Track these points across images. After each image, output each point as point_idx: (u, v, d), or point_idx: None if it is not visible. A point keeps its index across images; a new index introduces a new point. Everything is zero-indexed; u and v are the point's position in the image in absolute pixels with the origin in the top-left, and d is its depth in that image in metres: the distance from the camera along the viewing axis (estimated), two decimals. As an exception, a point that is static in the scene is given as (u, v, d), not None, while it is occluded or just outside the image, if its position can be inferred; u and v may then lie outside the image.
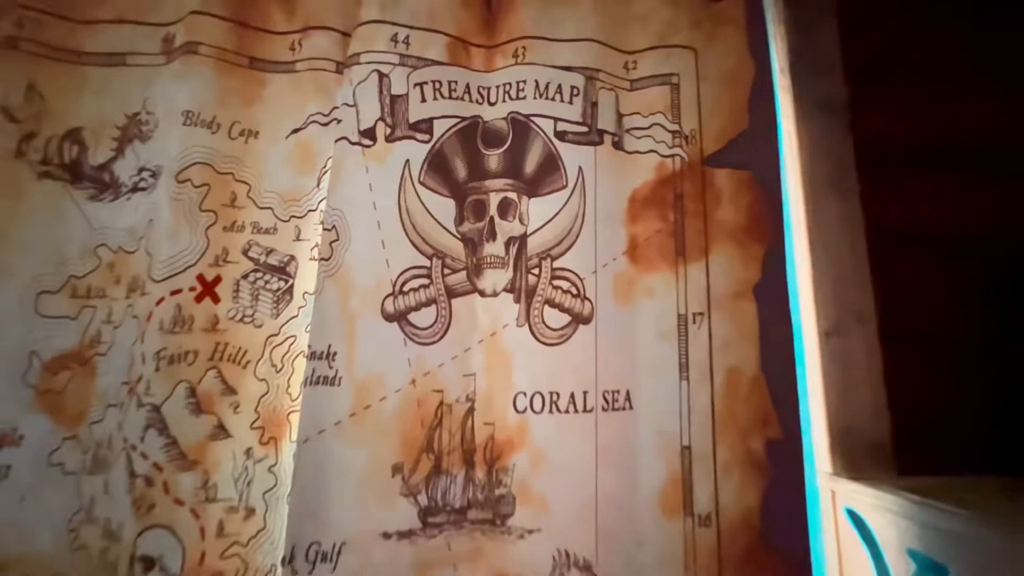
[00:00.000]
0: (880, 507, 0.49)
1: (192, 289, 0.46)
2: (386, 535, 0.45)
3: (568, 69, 0.54)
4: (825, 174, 0.60)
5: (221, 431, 0.45)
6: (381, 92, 0.51)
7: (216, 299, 0.47)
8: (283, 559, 0.42)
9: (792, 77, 0.63)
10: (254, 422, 0.46)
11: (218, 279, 0.47)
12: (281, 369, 0.48)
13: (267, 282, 0.48)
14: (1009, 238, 0.60)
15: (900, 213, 0.61)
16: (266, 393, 0.47)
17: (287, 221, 0.50)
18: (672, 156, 0.54)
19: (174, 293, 0.46)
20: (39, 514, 0.44)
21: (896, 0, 0.64)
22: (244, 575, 0.44)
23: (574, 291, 0.51)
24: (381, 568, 0.44)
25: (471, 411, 0.49)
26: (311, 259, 0.49)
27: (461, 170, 0.53)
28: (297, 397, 0.47)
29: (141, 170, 0.49)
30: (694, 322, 0.51)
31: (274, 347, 0.48)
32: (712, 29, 0.57)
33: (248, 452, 0.45)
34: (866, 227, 0.60)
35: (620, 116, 0.55)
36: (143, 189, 0.48)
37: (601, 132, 0.54)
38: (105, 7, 0.51)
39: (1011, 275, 0.59)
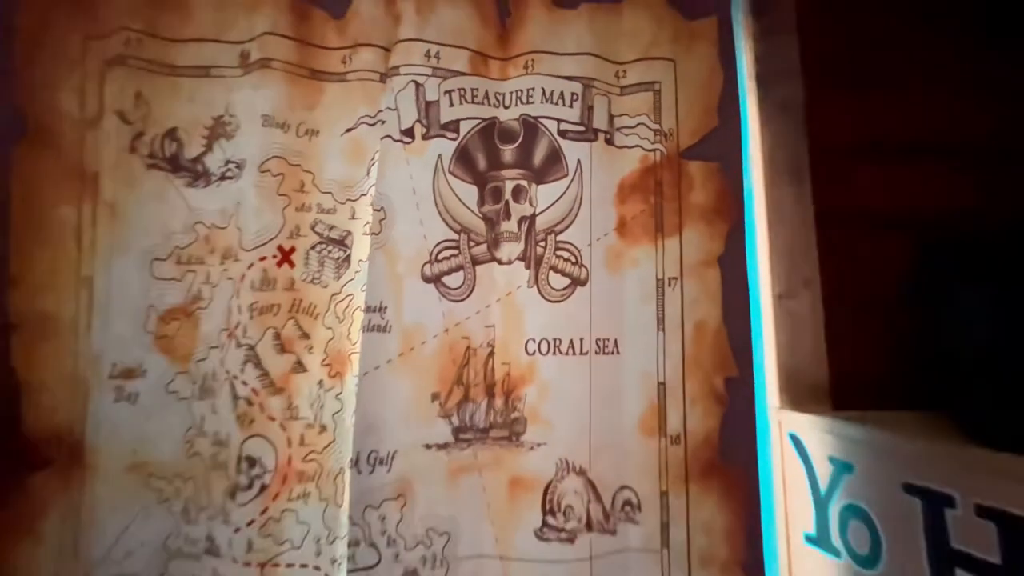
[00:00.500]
0: (814, 430, 0.62)
1: (274, 257, 0.59)
2: (427, 446, 0.58)
3: (569, 79, 0.66)
4: (783, 164, 0.72)
5: (300, 366, 0.58)
6: (417, 98, 0.63)
7: (292, 264, 0.59)
8: (351, 461, 0.56)
9: (757, 82, 0.74)
10: (324, 360, 0.59)
11: (293, 249, 0.60)
12: (343, 320, 0.60)
13: (330, 252, 0.61)
14: (933, 219, 0.72)
15: (844, 197, 0.73)
16: (332, 338, 0.60)
17: (344, 203, 0.62)
18: (654, 150, 0.66)
19: (261, 259, 0.58)
20: (161, 430, 0.57)
21: (847, 16, 0.76)
22: (320, 475, 0.57)
23: (573, 259, 0.64)
24: (424, 471, 0.58)
25: (491, 354, 0.61)
26: (364, 234, 0.62)
27: (482, 162, 0.65)
28: (356, 341, 0.59)
29: (227, 162, 0.61)
30: (669, 285, 0.64)
31: (337, 303, 0.60)
32: (688, 43, 0.68)
33: (320, 383, 0.58)
34: (815, 209, 0.72)
35: (612, 117, 0.67)
36: (230, 178, 0.61)
37: (596, 131, 0.66)
38: (190, 28, 0.63)
39: (933, 249, 0.71)
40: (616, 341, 0.63)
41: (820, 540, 0.59)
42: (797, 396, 0.67)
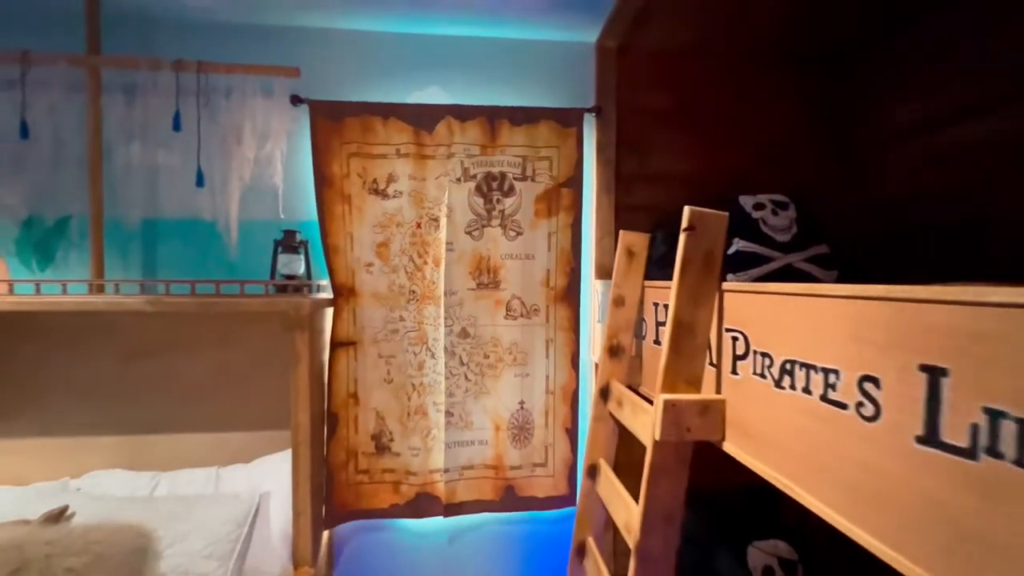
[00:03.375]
0: (601, 285, 1.77)
1: (415, 225, 1.70)
2: (468, 289, 1.73)
3: (517, 156, 1.72)
4: (603, 185, 1.81)
5: (425, 263, 1.72)
6: (461, 165, 1.71)
7: (421, 228, 1.71)
8: (443, 292, 1.71)
9: (597, 151, 1.81)
10: (433, 261, 1.72)
11: (420, 223, 1.71)
12: (438, 247, 1.73)
13: (433, 223, 1.72)
14: (662, 208, 1.81)
15: (628, 199, 1.81)
16: (435, 253, 1.73)
17: (437, 207, 1.72)
18: (549, 184, 1.74)
19: (411, 226, 1.70)
20: (383, 283, 1.71)
21: (633, 125, 1.79)
22: (434, 296, 1.72)
23: (518, 226, 1.75)
24: (467, 297, 1.73)
25: (489, 258, 1.75)
26: (445, 217, 1.72)
27: (485, 189, 1.73)
28: (443, 254, 1.72)
29: (396, 191, 1.70)
30: (553, 235, 1.76)
31: (437, 241, 1.72)
32: (564, 139, 1.74)
33: (433, 269, 1.72)
34: (615, 204, 1.81)
35: (534, 171, 1.74)
36: (396, 197, 1.70)
37: (527, 176, 1.74)
38: (379, 138, 1.68)
39: (663, 225, 1.81)
40: (534, 255, 1.76)
41: (599, 319, 1.77)
42: (601, 274, 1.82)
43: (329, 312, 1.70)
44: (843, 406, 0.62)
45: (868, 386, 0.58)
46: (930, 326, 0.51)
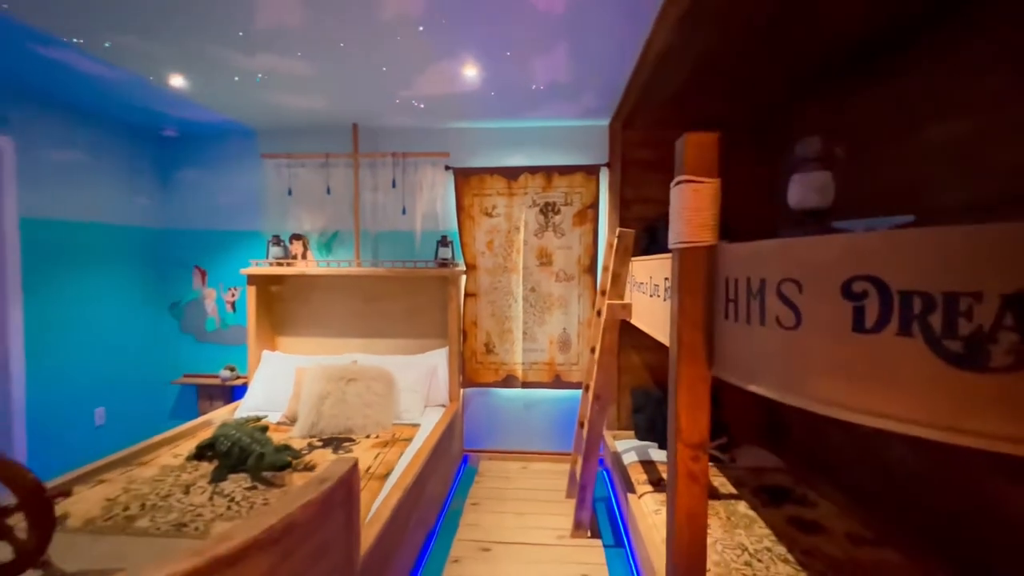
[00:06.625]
0: (610, 264, 3.12)
1: (507, 231, 3.16)
2: (536, 266, 3.16)
3: (562, 192, 3.11)
4: (612, 207, 3.15)
5: (513, 251, 3.17)
6: (532, 199, 3.13)
7: (510, 233, 3.16)
8: (520, 267, 3.15)
9: (608, 187, 3.15)
10: (518, 251, 3.16)
11: (510, 229, 3.15)
12: (519, 243, 3.16)
13: (516, 232, 3.16)
14: (647, 220, 3.09)
15: (627, 213, 3.13)
16: (519, 246, 3.17)
17: (519, 221, 3.15)
18: (581, 207, 3.11)
19: (504, 232, 3.16)
20: (488, 264, 3.20)
21: (631, 169, 3.08)
22: (518, 268, 3.17)
23: (562, 230, 3.13)
24: (534, 269, 3.17)
25: (546, 248, 3.15)
26: (523, 227, 3.15)
27: (545, 210, 3.14)
28: (523, 248, 3.15)
29: (496, 215, 3.16)
30: (582, 236, 3.12)
31: (520, 240, 3.15)
32: (589, 182, 3.09)
33: (518, 255, 3.17)
34: (620, 217, 3.14)
35: (572, 200, 3.11)
36: (497, 217, 3.15)
37: (568, 203, 3.11)
38: (488, 186, 3.15)
39: (649, 228, 3.09)
40: (572, 247, 3.14)
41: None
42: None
43: (463, 278, 3.22)
44: (655, 295, 1.96)
45: (660, 286, 1.92)
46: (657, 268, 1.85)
